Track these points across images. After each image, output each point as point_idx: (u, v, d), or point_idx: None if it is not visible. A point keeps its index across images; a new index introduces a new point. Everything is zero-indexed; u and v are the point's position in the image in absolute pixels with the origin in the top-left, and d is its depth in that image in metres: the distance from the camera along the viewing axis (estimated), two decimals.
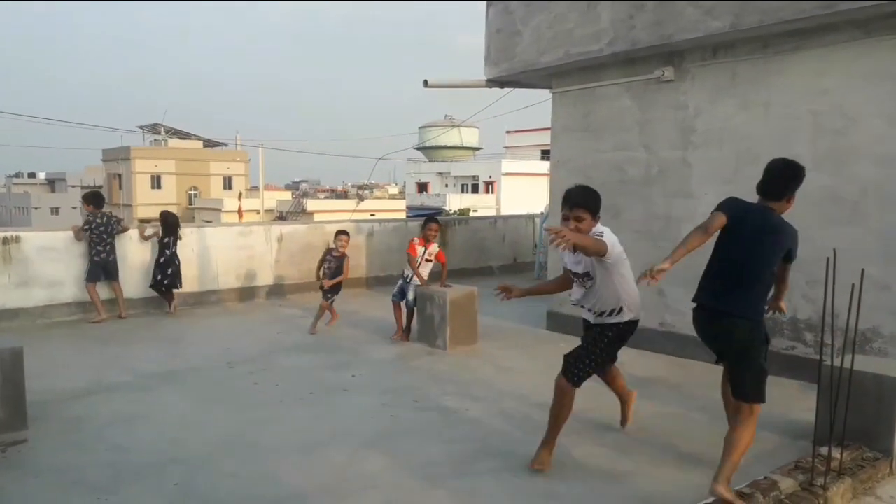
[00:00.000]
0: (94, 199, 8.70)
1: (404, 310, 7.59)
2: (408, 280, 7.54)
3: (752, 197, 6.23)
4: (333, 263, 7.93)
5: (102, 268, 8.38)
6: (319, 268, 8.00)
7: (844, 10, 5.28)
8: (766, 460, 4.24)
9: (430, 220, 7.82)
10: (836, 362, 4.12)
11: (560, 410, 4.16)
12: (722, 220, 3.75)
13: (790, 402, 5.43)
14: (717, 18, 6.00)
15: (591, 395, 5.73)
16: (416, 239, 7.63)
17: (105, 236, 8.39)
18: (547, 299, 8.22)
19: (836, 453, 3.90)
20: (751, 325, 3.72)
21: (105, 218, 8.52)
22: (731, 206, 3.85)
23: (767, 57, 6.13)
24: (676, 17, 6.30)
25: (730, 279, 3.73)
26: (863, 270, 3.85)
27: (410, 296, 7.47)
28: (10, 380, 4.66)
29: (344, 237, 8.01)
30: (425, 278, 7.50)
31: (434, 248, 7.54)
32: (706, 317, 3.88)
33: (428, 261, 7.52)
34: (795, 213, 5.95)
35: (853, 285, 3.66)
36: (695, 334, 6.67)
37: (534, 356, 6.97)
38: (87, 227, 8.34)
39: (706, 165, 6.61)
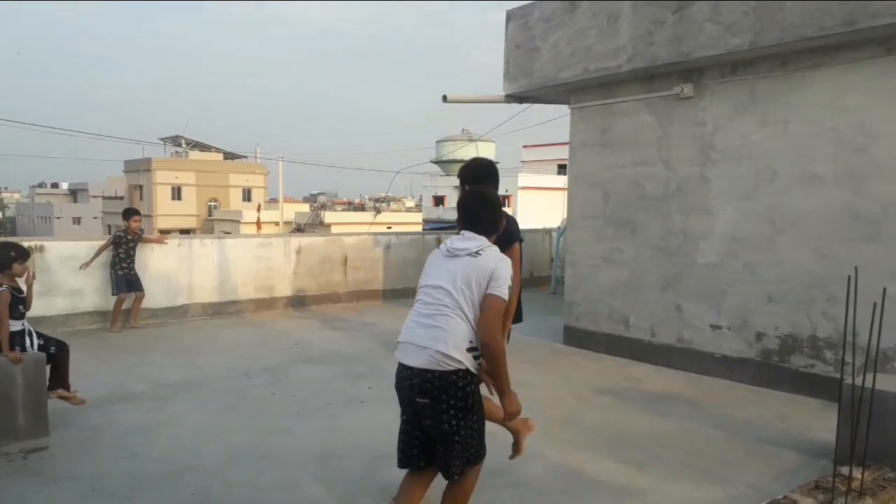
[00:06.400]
0: (125, 213, 8.87)
1: None
2: None
3: (771, 213, 6.22)
4: None
5: (126, 281, 8.50)
6: None
7: (865, 28, 5.27)
8: (786, 479, 4.20)
9: None
10: (857, 381, 4.07)
11: None
12: None
13: (810, 420, 5.37)
14: (737, 35, 6.00)
15: (610, 410, 5.72)
16: None
17: (132, 252, 8.55)
18: (563, 312, 8.21)
19: (857, 473, 3.85)
20: None
21: (138, 237, 8.68)
22: None
23: (787, 74, 6.12)
24: (696, 33, 6.31)
25: None
26: (885, 289, 3.82)
27: None
28: (31, 387, 4.72)
29: None
30: None
31: None
32: None
33: None
34: (815, 230, 5.94)
35: (875, 303, 3.62)
36: (712, 350, 6.70)
37: (550, 370, 6.95)
38: (117, 240, 8.46)
39: (725, 182, 6.59)
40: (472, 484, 3.20)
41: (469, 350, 3.00)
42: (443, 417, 3.00)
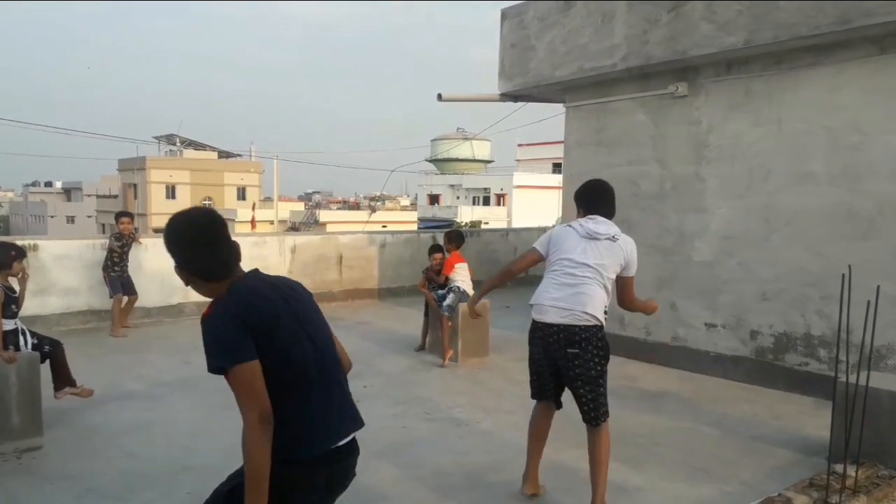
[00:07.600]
0: (116, 217, 8.75)
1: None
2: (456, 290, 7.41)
3: (766, 211, 6.24)
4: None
5: (121, 283, 8.43)
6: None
7: (859, 27, 5.29)
8: (781, 477, 4.22)
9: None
10: (851, 379, 4.08)
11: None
12: None
13: (804, 418, 5.39)
14: (732, 34, 6.02)
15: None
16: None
17: (125, 255, 8.46)
18: None
19: (851, 471, 3.87)
20: None
21: (130, 239, 8.57)
22: None
23: (782, 73, 6.13)
24: (691, 32, 6.33)
25: None
26: (878, 287, 3.84)
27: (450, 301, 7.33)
28: (25, 387, 4.70)
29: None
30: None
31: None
32: None
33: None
34: (809, 228, 5.97)
35: (868, 302, 3.64)
36: (707, 349, 6.72)
37: None
38: (113, 245, 8.33)
39: (719, 180, 6.61)
40: (609, 434, 3.91)
41: (605, 312, 3.81)
42: (590, 364, 3.76)
